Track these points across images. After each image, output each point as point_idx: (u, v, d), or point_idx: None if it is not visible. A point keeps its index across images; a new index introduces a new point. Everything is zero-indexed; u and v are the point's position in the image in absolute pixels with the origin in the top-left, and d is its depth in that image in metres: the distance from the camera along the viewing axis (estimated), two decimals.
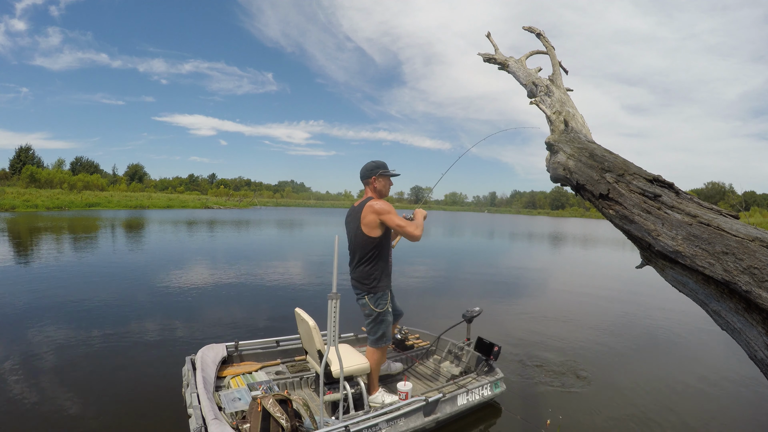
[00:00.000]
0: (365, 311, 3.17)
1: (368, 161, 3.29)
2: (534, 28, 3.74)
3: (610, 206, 1.99)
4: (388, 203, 3.09)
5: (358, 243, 3.14)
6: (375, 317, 3.14)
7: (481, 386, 3.48)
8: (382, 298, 3.14)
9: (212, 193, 79.24)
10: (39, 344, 4.82)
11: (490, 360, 3.69)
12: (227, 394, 2.99)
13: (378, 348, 3.20)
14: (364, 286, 3.14)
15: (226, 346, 3.68)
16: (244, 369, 3.54)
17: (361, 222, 3.09)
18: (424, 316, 6.64)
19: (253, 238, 18.15)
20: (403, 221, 3.05)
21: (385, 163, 3.29)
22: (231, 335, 5.29)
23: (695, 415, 3.84)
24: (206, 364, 3.25)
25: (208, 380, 3.00)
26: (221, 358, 3.52)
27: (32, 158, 60.83)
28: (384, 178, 3.26)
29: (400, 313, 3.71)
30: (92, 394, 3.69)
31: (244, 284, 8.46)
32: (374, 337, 3.18)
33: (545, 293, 8.98)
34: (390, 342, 3.28)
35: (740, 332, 1.50)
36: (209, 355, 3.43)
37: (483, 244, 20.86)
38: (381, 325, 3.16)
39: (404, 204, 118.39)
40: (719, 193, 75.21)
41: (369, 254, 3.10)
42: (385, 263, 3.16)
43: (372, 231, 3.06)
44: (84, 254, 11.54)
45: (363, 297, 3.15)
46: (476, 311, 3.95)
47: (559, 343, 5.59)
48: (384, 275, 3.15)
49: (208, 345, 3.60)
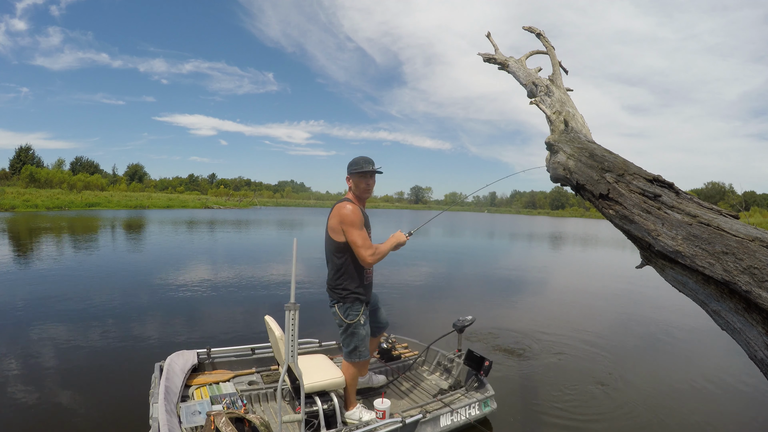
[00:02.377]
0: (336, 321, 2.96)
1: None
2: (534, 28, 3.74)
3: (610, 206, 1.99)
4: (357, 213, 2.80)
5: (327, 246, 2.95)
6: (345, 328, 2.91)
7: (468, 405, 3.16)
8: (353, 308, 2.88)
9: (212, 193, 79.21)
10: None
11: (481, 375, 3.38)
12: (188, 407, 2.80)
13: (353, 362, 2.95)
14: (334, 293, 2.93)
15: (197, 353, 3.49)
16: (215, 378, 3.34)
17: (328, 222, 2.89)
18: (415, 322, 6.37)
19: (251, 238, 18.14)
20: (361, 239, 2.76)
21: (366, 159, 2.94)
22: (214, 339, 5.13)
23: (695, 415, 3.84)
24: (174, 372, 3.08)
25: (172, 390, 2.85)
26: (191, 365, 3.33)
27: (32, 158, 60.77)
28: (356, 176, 2.91)
29: (384, 325, 3.44)
30: (58, 398, 3.61)
31: (237, 285, 8.45)
32: (347, 349, 2.95)
33: (544, 298, 8.74)
34: (367, 357, 3.00)
35: (740, 332, 1.50)
36: (178, 362, 3.26)
37: (482, 245, 20.87)
38: (353, 337, 2.91)
39: (404, 204, 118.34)
40: (719, 193, 75.23)
41: (337, 259, 2.87)
42: (358, 271, 2.89)
43: (336, 235, 2.84)
44: (82, 254, 11.54)
45: (333, 305, 2.94)
46: (468, 320, 3.66)
47: (557, 354, 5.24)
48: (354, 283, 2.88)
49: (179, 351, 3.42)
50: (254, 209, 50.89)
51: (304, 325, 2.84)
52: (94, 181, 57.65)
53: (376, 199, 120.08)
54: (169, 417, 2.45)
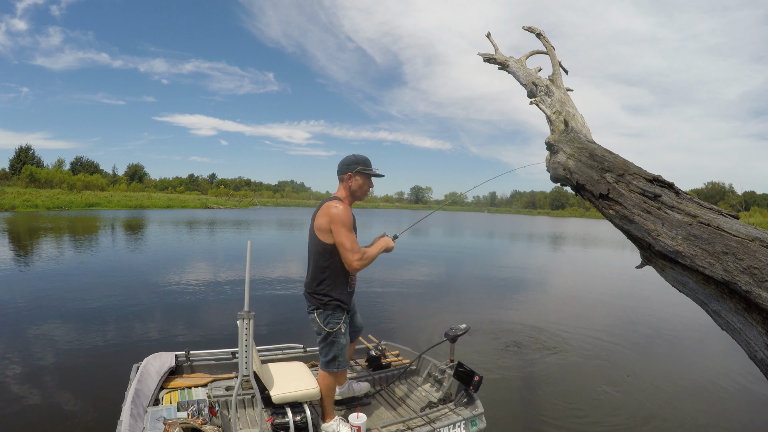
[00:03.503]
0: (314, 328, 2.77)
1: (349, 155, 2.81)
2: (534, 28, 3.74)
3: (610, 206, 1.99)
4: (349, 213, 2.65)
5: (311, 246, 2.76)
6: (324, 337, 2.73)
7: (453, 423, 2.93)
8: (334, 316, 2.71)
9: (212, 193, 79.23)
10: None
11: (470, 391, 3.16)
12: (155, 412, 2.67)
13: (330, 372, 2.78)
14: (314, 299, 2.73)
15: (175, 355, 3.36)
16: (192, 382, 3.21)
17: (315, 221, 2.70)
18: (410, 327, 6.08)
19: (251, 238, 18.14)
20: (350, 242, 2.59)
21: (368, 160, 2.79)
22: (207, 340, 5.10)
23: (695, 416, 3.84)
24: (148, 374, 2.99)
25: (144, 393, 2.76)
26: (168, 368, 3.22)
27: (32, 158, 60.77)
28: (363, 177, 2.75)
29: (360, 329, 3.26)
30: (36, 398, 3.65)
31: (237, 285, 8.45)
32: (325, 359, 2.77)
33: (543, 301, 8.44)
34: (346, 367, 2.84)
35: (740, 332, 1.50)
36: (154, 364, 3.15)
37: (482, 246, 20.87)
38: (332, 347, 2.74)
39: (404, 204, 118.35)
40: (719, 193, 75.21)
41: (322, 262, 2.68)
42: (342, 277, 2.72)
43: (324, 235, 2.65)
44: (81, 254, 11.54)
45: (312, 312, 2.75)
46: (461, 329, 3.41)
47: (555, 366, 4.93)
48: (338, 290, 2.71)
49: (156, 353, 3.30)
50: (254, 209, 50.92)
51: (290, 328, 2.66)
52: (94, 181, 57.66)
53: (376, 199, 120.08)
54: (133, 421, 2.37)
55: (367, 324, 5.52)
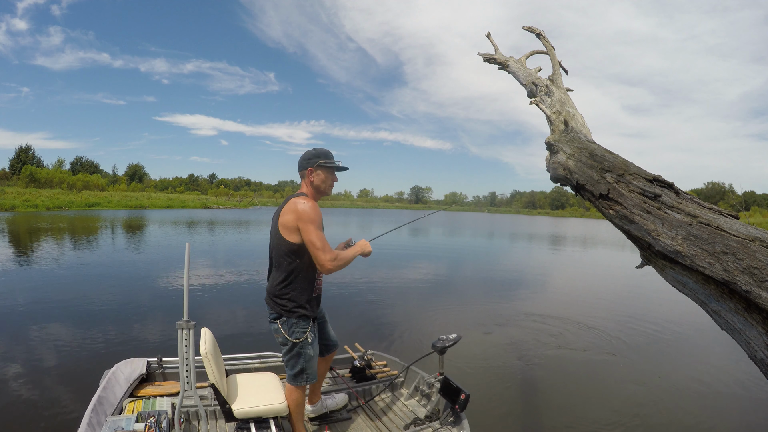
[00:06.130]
0: (278, 339, 2.54)
1: (309, 150, 2.64)
2: (534, 28, 3.74)
3: (610, 206, 1.99)
4: (318, 210, 2.48)
5: (274, 246, 2.56)
6: (290, 348, 2.51)
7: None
8: (299, 325, 2.49)
9: (212, 193, 79.25)
10: None
11: (456, 409, 2.94)
12: (114, 422, 2.55)
13: (298, 386, 2.57)
14: (276, 305, 2.51)
15: (147, 361, 3.24)
16: (163, 390, 3.09)
17: (280, 219, 2.48)
18: (402, 334, 5.80)
19: (250, 239, 18.14)
20: (320, 241, 2.38)
21: (330, 152, 2.64)
22: (176, 347, 4.97)
23: (695, 416, 3.84)
24: (117, 381, 2.90)
25: (108, 400, 2.66)
26: (138, 375, 3.11)
27: (32, 158, 60.78)
28: (325, 170, 2.58)
29: (335, 344, 3.01)
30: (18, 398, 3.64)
31: (236, 284, 8.44)
32: (292, 372, 2.55)
33: (542, 305, 8.00)
34: (314, 380, 2.62)
35: (740, 332, 1.50)
36: (124, 371, 3.06)
37: (482, 246, 20.87)
38: (299, 358, 2.52)
39: (404, 204, 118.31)
40: (719, 193, 75.21)
41: (288, 264, 2.48)
42: (309, 280, 2.53)
43: (290, 234, 2.44)
44: (81, 254, 11.54)
45: (275, 321, 2.52)
46: (451, 339, 3.19)
47: (550, 379, 4.65)
48: (304, 296, 2.51)
49: (128, 359, 3.19)
50: (254, 209, 50.90)
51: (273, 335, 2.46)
52: (94, 181, 57.68)
53: (376, 199, 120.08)
54: (90, 430, 2.30)
55: (355, 331, 5.43)
